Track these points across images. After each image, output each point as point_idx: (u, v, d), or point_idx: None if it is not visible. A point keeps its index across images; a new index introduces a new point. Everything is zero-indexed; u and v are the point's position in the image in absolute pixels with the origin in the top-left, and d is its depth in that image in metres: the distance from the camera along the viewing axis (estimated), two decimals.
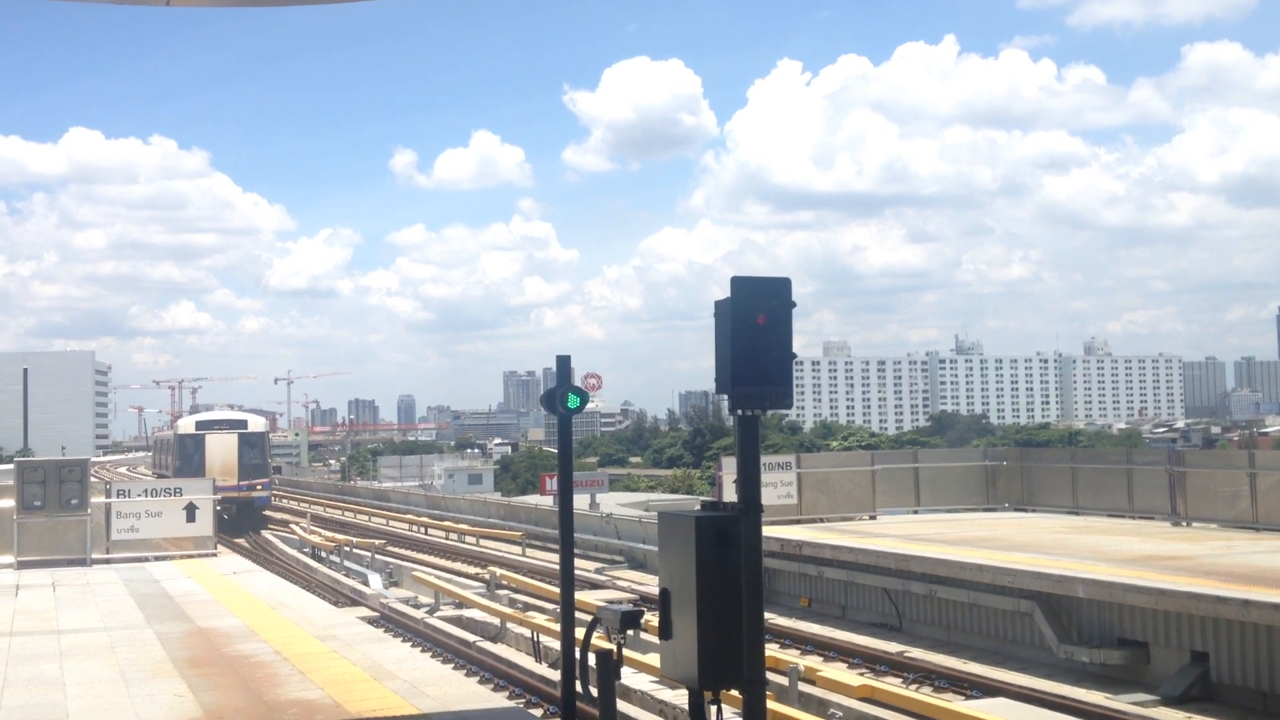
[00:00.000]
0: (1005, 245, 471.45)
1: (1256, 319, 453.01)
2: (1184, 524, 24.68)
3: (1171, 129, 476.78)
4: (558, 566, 14.54)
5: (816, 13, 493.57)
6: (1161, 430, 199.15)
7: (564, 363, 10.50)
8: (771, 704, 14.07)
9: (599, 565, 32.30)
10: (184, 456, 49.52)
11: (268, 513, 53.80)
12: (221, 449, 49.05)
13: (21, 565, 22.22)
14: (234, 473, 48.55)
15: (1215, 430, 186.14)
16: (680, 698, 15.22)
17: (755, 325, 8.00)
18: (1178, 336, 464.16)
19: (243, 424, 52.59)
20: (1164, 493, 25.45)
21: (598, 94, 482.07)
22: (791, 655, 19.47)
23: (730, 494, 12.94)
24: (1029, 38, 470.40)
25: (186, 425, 52.80)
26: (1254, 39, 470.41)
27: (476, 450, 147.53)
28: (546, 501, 42.79)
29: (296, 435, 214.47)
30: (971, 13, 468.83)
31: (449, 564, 35.36)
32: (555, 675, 17.30)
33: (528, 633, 20.88)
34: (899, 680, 17.89)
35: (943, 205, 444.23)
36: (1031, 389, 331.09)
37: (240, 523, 47.33)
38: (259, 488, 50.43)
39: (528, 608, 24.35)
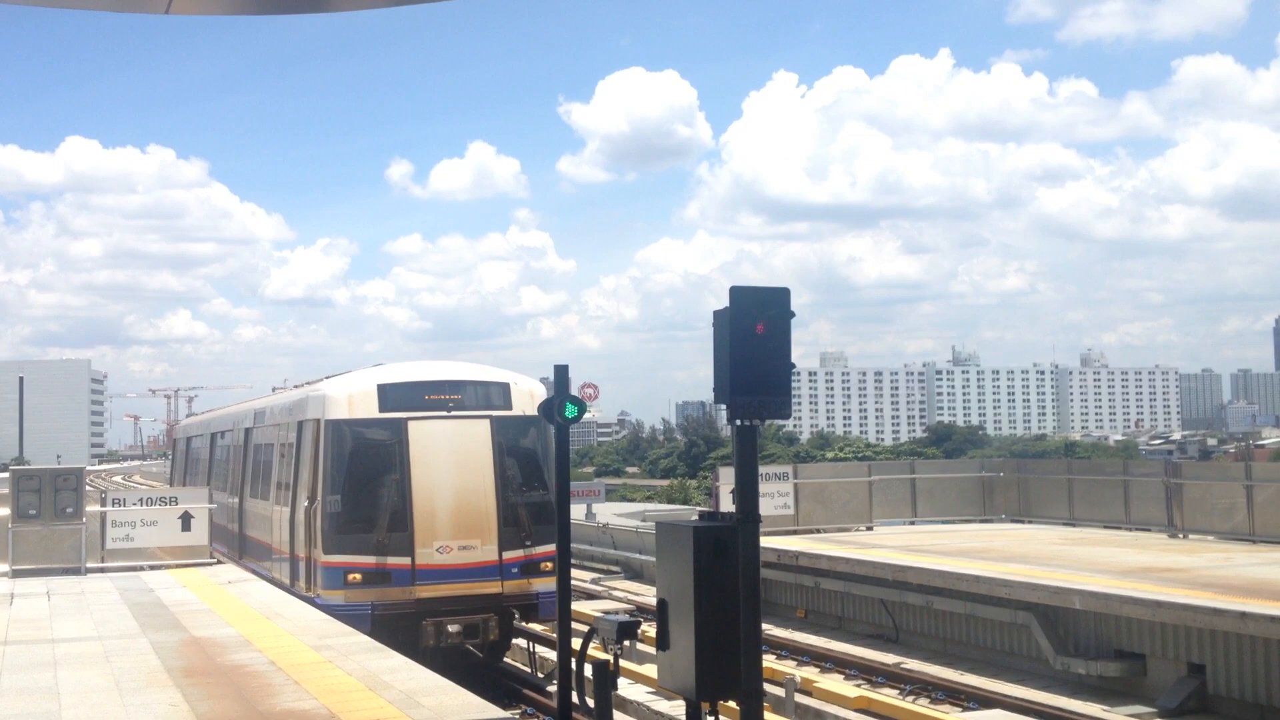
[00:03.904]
0: (1000, 257, 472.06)
1: (1252, 331, 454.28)
2: (1181, 536, 24.67)
3: (1164, 142, 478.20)
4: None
5: (811, 25, 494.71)
6: (1158, 442, 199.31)
7: (562, 372, 10.50)
8: (768, 715, 14.05)
9: (595, 575, 32.26)
10: (334, 481, 18.84)
11: None
12: (452, 466, 18.95)
13: (16, 574, 22.15)
14: (487, 526, 18.85)
15: (1212, 442, 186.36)
16: (677, 709, 15.19)
17: (754, 335, 8.00)
18: (1173, 348, 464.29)
19: (499, 393, 19.95)
20: (1161, 504, 25.44)
21: (592, 106, 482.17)
22: (788, 666, 19.45)
23: (727, 504, 12.87)
24: (1020, 52, 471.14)
25: (350, 393, 19.46)
26: (1245, 52, 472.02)
27: None
28: None
29: None
30: (961, 27, 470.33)
31: None
32: (551, 686, 17.27)
33: (524, 643, 20.83)
34: (896, 692, 17.87)
35: (937, 217, 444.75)
36: (1028, 400, 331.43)
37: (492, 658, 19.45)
38: (544, 565, 18.96)
39: None
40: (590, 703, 9.64)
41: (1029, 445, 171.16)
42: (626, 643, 18.69)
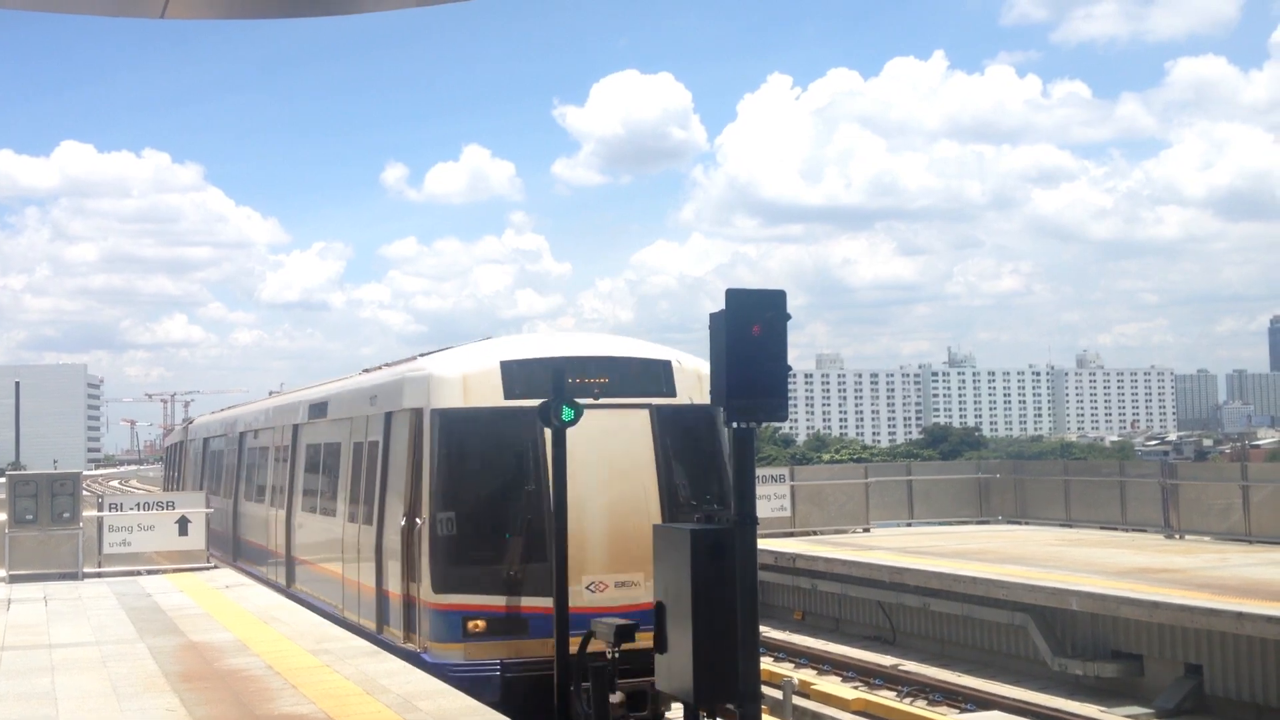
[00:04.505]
0: (995, 258, 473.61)
1: (1247, 331, 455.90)
2: (1177, 536, 24.70)
3: (1159, 143, 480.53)
4: None
5: (805, 27, 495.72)
6: (1154, 443, 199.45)
7: (558, 375, 10.48)
8: (766, 717, 14.05)
9: None
10: (446, 492, 14.24)
11: None
12: (604, 473, 14.17)
13: (13, 579, 22.12)
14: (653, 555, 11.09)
15: (1207, 443, 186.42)
16: (675, 711, 15.18)
17: (750, 337, 8.02)
18: (1168, 349, 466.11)
19: (659, 373, 15.12)
20: (1157, 505, 25.48)
21: (587, 108, 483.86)
22: (786, 669, 19.46)
23: None
24: (1014, 54, 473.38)
25: (465, 373, 14.59)
26: (1238, 53, 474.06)
27: None
28: None
29: None
30: (955, 29, 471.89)
31: None
32: None
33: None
34: (893, 693, 17.88)
35: (932, 218, 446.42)
36: (1024, 401, 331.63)
37: None
38: None
39: None
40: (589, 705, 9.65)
41: (1025, 446, 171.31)
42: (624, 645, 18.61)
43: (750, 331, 8.01)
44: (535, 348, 14.99)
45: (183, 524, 23.77)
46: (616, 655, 9.41)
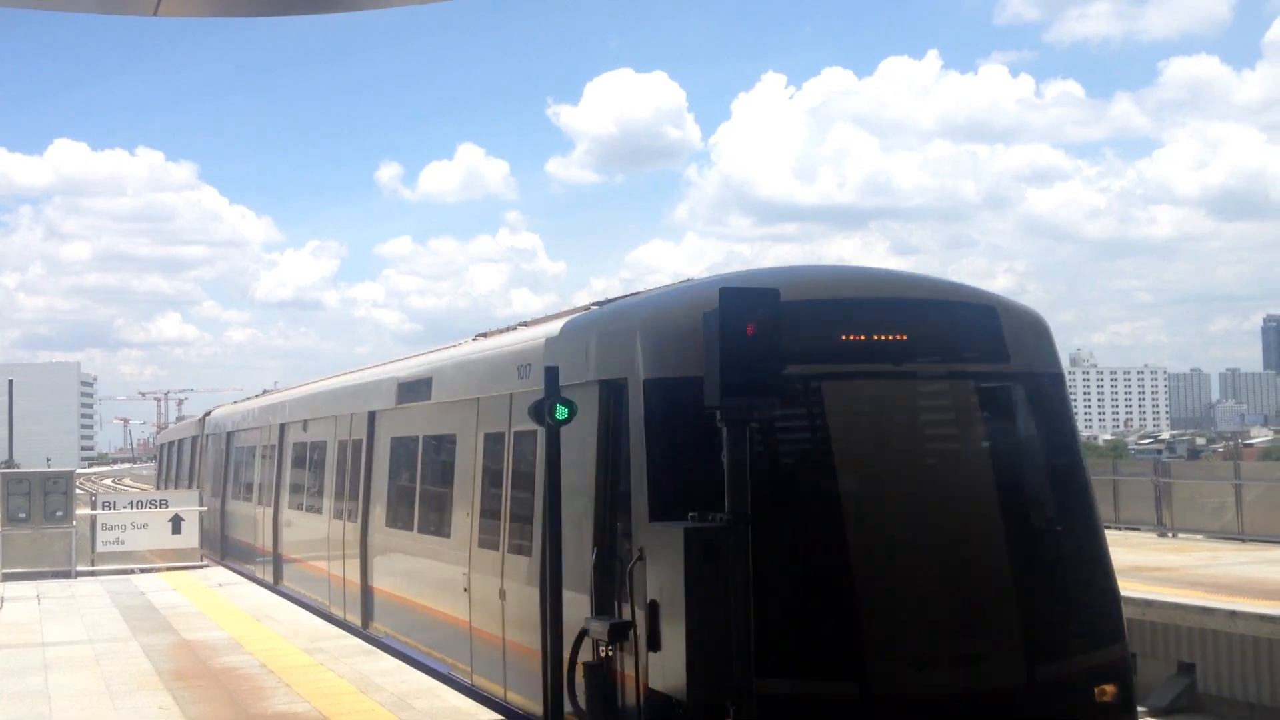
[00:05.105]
0: (989, 257, 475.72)
1: (1240, 330, 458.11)
2: (1170, 535, 24.73)
3: (1152, 143, 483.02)
4: None
5: (801, 27, 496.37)
6: (1147, 441, 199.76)
7: (552, 374, 10.44)
8: None
9: None
10: (671, 513, 8.26)
11: None
12: (919, 482, 9.05)
13: (6, 578, 22.09)
14: (1003, 610, 8.72)
15: (1200, 441, 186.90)
16: None
17: (744, 336, 8.00)
18: (1162, 348, 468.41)
19: (981, 325, 9.61)
20: (1150, 504, 25.50)
21: (581, 107, 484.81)
22: None
23: None
24: (1007, 53, 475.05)
25: (682, 325, 8.96)
26: (1232, 53, 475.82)
27: None
28: None
29: None
30: (949, 28, 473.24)
31: None
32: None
33: None
34: None
35: (926, 218, 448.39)
36: None
37: None
38: (1102, 690, 8.96)
39: None
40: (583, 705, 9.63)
41: None
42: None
43: (744, 331, 8.00)
44: (797, 285, 9.26)
45: (175, 522, 23.76)
46: (611, 655, 9.36)
